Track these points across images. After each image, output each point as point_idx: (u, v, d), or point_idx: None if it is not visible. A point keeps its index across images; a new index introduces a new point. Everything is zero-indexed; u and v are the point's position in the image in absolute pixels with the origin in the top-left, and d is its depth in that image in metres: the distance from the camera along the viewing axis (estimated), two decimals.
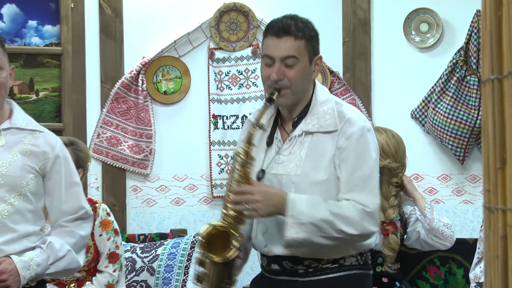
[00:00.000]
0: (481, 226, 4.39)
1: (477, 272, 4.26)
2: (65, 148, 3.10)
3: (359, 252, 2.95)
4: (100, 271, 4.16)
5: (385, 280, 4.21)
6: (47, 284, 3.25)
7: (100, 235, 4.13)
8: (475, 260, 4.32)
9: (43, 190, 3.01)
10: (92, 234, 4.11)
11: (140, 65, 4.88)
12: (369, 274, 3.05)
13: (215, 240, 2.78)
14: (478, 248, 4.32)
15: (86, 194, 4.67)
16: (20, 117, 3.02)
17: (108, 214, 4.19)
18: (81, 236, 3.05)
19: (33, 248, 2.94)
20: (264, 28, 4.95)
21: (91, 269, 4.16)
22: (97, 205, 4.18)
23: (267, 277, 2.97)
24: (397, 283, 4.26)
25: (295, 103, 2.88)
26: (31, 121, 3.04)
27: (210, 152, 4.97)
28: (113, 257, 4.14)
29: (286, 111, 2.92)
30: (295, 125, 2.89)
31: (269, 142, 2.91)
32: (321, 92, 2.93)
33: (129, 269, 4.58)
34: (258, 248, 2.96)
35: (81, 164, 4.13)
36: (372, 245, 3.01)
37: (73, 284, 4.10)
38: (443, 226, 4.14)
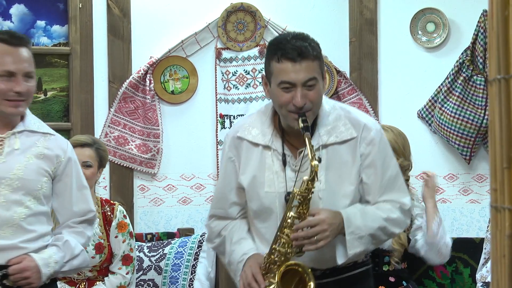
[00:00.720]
0: (488, 227, 4.39)
1: (483, 272, 4.26)
2: (74, 152, 3.13)
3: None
4: (113, 272, 4.16)
5: (392, 279, 4.21)
6: (58, 282, 3.27)
7: (116, 236, 4.13)
8: (481, 261, 4.32)
9: (51, 193, 3.04)
10: (108, 235, 4.12)
11: (148, 65, 4.89)
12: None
13: (284, 281, 2.77)
14: (485, 249, 4.32)
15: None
16: (32, 119, 3.04)
17: (124, 216, 4.19)
18: (88, 237, 3.12)
19: (46, 246, 2.98)
20: (270, 28, 5.00)
21: (103, 269, 4.16)
22: (114, 206, 4.18)
23: None
24: (404, 282, 4.25)
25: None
26: (41, 123, 3.06)
27: (217, 152, 4.98)
28: (127, 260, 4.14)
29: (288, 126, 2.87)
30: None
31: (284, 161, 2.86)
32: (324, 101, 2.92)
33: (136, 268, 4.59)
34: None
35: (103, 163, 4.15)
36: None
37: (84, 283, 4.11)
38: (443, 244, 4.12)
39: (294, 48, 2.75)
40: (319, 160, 2.73)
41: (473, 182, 5.01)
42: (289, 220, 2.76)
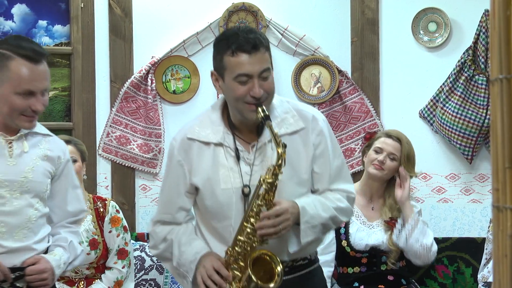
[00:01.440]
0: (489, 227, 4.39)
1: (485, 273, 4.26)
2: (68, 153, 3.15)
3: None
4: (109, 268, 4.18)
5: (390, 278, 4.22)
6: (56, 283, 3.28)
7: (110, 231, 4.16)
8: (483, 261, 4.32)
9: None
10: (102, 230, 4.14)
11: (149, 65, 4.89)
12: None
13: (255, 269, 2.79)
14: (486, 249, 4.32)
15: (95, 192, 4.70)
16: None
17: (117, 211, 4.22)
18: (80, 237, 3.19)
19: (48, 247, 3.00)
20: (272, 28, 5.00)
21: (100, 266, 4.17)
22: (106, 202, 4.21)
23: None
24: (403, 280, 4.25)
25: None
26: (39, 125, 3.06)
27: None
28: (122, 254, 4.16)
29: (240, 121, 2.89)
30: (259, 132, 2.89)
31: (238, 156, 2.88)
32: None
33: (138, 267, 4.60)
34: None
35: (85, 157, 4.21)
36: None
37: (82, 282, 4.12)
38: (420, 247, 4.12)
39: (247, 40, 2.79)
40: (285, 145, 2.76)
41: (475, 182, 5.01)
42: (254, 209, 2.78)
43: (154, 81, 4.90)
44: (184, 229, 2.98)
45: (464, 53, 4.87)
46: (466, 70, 4.84)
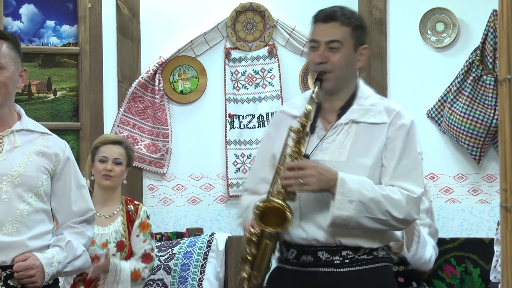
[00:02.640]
0: (497, 228, 4.38)
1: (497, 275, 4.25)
2: (71, 152, 3.12)
3: (386, 244, 2.96)
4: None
5: (401, 279, 4.21)
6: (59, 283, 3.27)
7: (137, 235, 4.11)
8: (493, 263, 4.31)
9: (51, 192, 3.04)
10: (130, 233, 4.11)
11: (157, 65, 4.90)
12: (393, 267, 3.08)
13: (267, 217, 2.79)
14: (497, 251, 4.30)
15: None
16: (29, 120, 3.05)
17: (147, 217, 4.18)
18: (89, 238, 3.11)
19: (48, 246, 2.97)
20: (279, 28, 5.00)
21: None
22: (138, 206, 4.19)
23: (295, 270, 2.93)
24: (413, 283, 4.24)
25: (337, 90, 2.92)
26: (38, 124, 3.07)
27: (226, 152, 4.99)
28: (147, 258, 4.12)
29: (328, 102, 2.95)
30: (340, 115, 2.92)
31: (312, 130, 2.91)
32: (365, 87, 3.00)
33: None
34: (292, 236, 2.91)
35: (130, 163, 4.17)
36: (398, 238, 3.03)
37: (100, 281, 4.11)
38: (424, 262, 4.10)
39: (327, 11, 2.92)
40: (315, 102, 2.83)
41: (483, 182, 5.00)
42: (284, 161, 2.81)
43: (161, 81, 4.90)
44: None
45: (472, 53, 4.86)
46: (474, 70, 4.83)
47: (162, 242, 4.74)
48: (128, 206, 4.18)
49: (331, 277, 2.86)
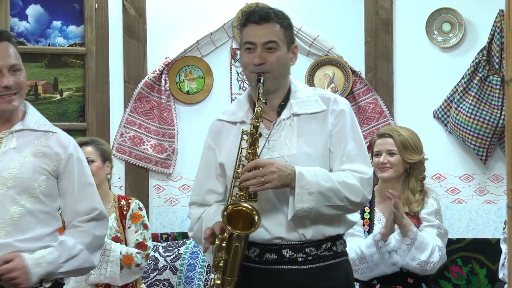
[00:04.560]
0: (504, 228, 4.37)
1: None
2: (78, 149, 3.08)
3: (343, 233, 3.08)
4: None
5: (410, 280, 4.20)
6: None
7: (129, 227, 4.17)
8: (501, 261, 4.30)
9: (57, 192, 3.00)
10: (124, 228, 4.14)
11: (163, 65, 4.90)
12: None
13: (234, 221, 2.83)
14: (506, 249, 4.29)
15: None
16: (33, 118, 3.01)
17: (140, 208, 4.23)
18: (95, 236, 3.03)
19: (45, 247, 2.92)
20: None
21: None
22: (130, 200, 4.23)
23: (258, 268, 2.99)
24: (423, 285, 4.23)
25: (275, 89, 3.01)
26: (44, 122, 3.03)
27: None
28: (141, 246, 4.14)
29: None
30: (280, 112, 3.02)
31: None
32: (297, 81, 3.11)
33: (151, 267, 4.60)
34: (253, 236, 2.94)
35: (107, 156, 4.22)
36: (356, 223, 3.13)
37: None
38: (417, 264, 4.09)
39: (258, 13, 2.98)
40: (264, 102, 2.88)
41: (489, 182, 5.00)
42: (241, 164, 2.87)
43: (167, 82, 4.91)
44: (215, 208, 3.06)
45: (478, 54, 4.86)
46: (480, 70, 4.82)
47: (168, 242, 4.75)
48: (121, 202, 4.22)
49: (295, 274, 2.95)
